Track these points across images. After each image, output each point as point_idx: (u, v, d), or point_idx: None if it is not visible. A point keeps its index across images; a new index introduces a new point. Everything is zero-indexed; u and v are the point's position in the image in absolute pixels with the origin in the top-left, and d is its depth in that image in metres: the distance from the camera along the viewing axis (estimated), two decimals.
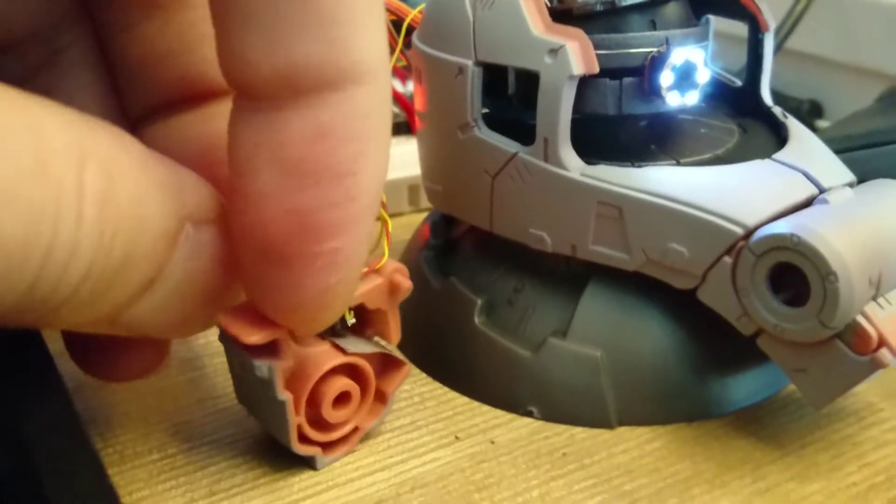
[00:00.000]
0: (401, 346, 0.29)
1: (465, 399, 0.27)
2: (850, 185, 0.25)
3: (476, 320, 0.27)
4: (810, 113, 0.47)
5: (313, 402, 0.23)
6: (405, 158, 0.38)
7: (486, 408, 0.26)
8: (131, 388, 0.27)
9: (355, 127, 0.17)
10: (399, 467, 0.24)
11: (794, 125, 0.28)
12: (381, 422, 0.25)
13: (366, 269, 0.23)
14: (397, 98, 0.38)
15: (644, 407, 0.25)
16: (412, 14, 0.29)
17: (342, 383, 0.23)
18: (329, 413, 0.23)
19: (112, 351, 0.22)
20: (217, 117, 0.21)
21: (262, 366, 0.21)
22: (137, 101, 0.23)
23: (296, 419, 0.23)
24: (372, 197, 0.18)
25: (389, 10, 0.30)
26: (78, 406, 0.21)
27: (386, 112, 0.18)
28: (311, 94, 0.16)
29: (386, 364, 0.25)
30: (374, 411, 0.25)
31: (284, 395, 0.22)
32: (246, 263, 0.19)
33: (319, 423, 0.23)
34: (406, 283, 0.23)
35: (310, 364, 0.22)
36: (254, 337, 0.20)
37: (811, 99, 0.48)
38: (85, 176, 0.15)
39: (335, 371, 0.23)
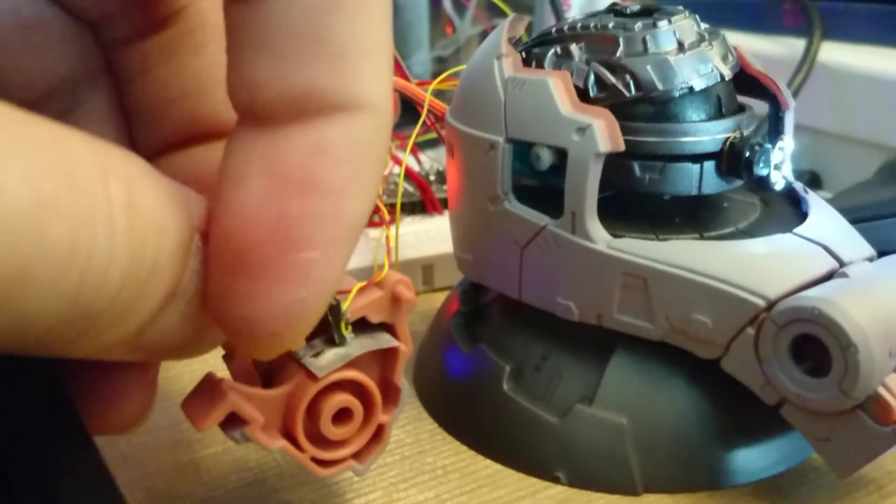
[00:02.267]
0: (429, 410, 0.30)
1: (488, 471, 0.27)
2: (870, 259, 0.26)
3: (504, 386, 0.28)
4: (810, 184, 0.48)
5: (315, 420, 0.22)
6: (419, 237, 0.38)
7: (509, 479, 0.27)
8: (154, 462, 0.27)
9: (352, 150, 0.17)
10: None
11: (815, 200, 0.28)
12: (402, 411, 0.24)
13: (364, 283, 0.23)
14: (412, 177, 0.39)
15: (669, 473, 0.26)
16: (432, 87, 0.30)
17: (340, 399, 0.22)
18: (329, 430, 0.23)
19: (105, 397, 0.22)
20: (220, 151, 0.21)
21: (235, 434, 0.21)
22: (148, 140, 0.23)
23: (302, 456, 0.22)
24: (355, 223, 0.18)
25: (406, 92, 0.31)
26: None
27: (383, 147, 0.18)
28: (315, 116, 0.17)
29: (389, 353, 0.23)
30: (388, 408, 0.24)
31: (276, 445, 0.22)
32: (215, 270, 0.18)
33: (326, 441, 0.23)
34: (408, 295, 0.23)
35: (290, 401, 0.22)
36: (207, 422, 0.21)
37: (810, 170, 0.49)
38: (110, 186, 0.15)
39: (332, 388, 0.22)
